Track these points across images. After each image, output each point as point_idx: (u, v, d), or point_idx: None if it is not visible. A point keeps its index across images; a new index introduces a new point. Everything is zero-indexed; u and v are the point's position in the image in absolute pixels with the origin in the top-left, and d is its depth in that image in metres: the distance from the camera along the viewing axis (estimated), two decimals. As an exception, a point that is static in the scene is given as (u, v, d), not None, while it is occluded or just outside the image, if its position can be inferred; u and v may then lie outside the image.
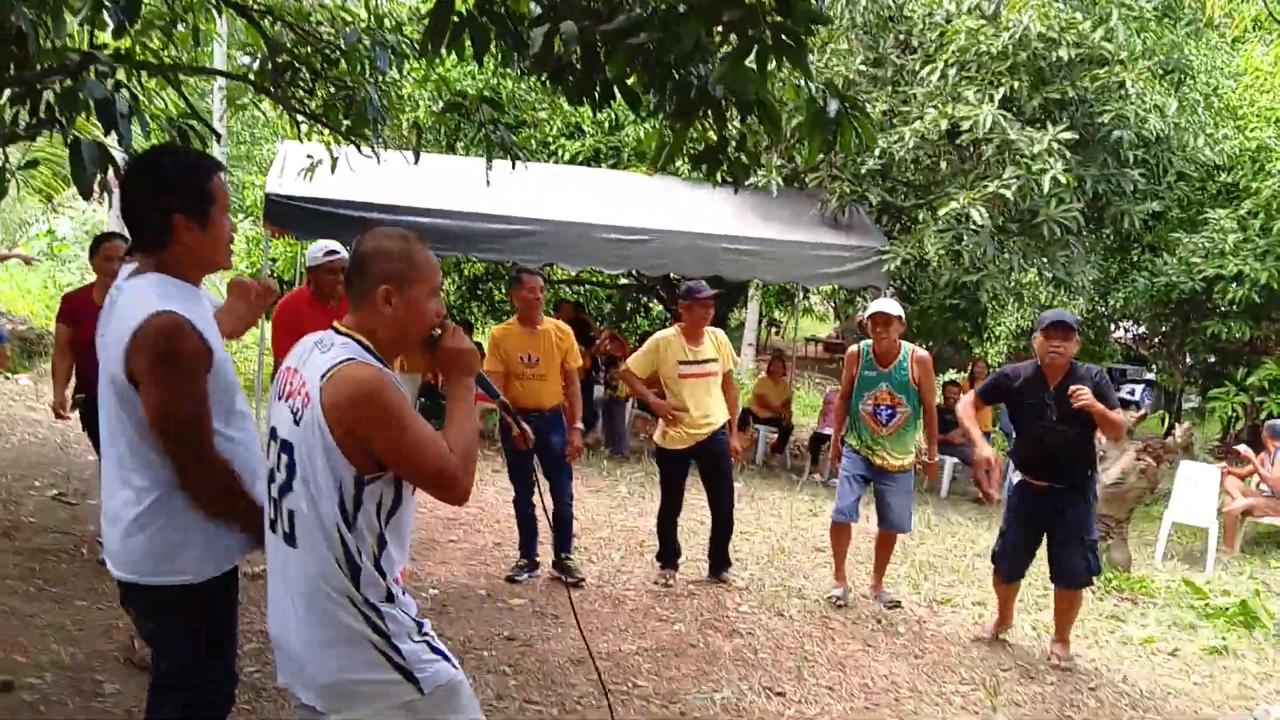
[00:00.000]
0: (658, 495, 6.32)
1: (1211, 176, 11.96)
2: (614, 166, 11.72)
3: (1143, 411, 13.13)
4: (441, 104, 7.93)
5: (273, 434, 2.24)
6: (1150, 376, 20.77)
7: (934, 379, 6.15)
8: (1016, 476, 5.45)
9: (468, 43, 4.49)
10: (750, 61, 3.67)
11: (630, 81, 4.39)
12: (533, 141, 11.71)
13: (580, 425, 6.04)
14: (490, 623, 5.12)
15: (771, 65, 3.62)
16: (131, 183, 2.42)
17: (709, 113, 4.36)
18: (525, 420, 5.75)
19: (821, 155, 10.19)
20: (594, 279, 15.35)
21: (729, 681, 4.58)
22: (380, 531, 2.17)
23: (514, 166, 5.88)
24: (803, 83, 4.11)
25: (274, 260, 16.38)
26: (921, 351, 6.11)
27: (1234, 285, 11.49)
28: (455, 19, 4.46)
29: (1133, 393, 20.50)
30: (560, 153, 11.70)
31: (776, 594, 6.13)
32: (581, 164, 11.65)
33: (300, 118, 6.78)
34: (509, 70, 10.52)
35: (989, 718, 4.50)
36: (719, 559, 6.27)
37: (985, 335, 17.03)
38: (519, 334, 5.90)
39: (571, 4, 4.22)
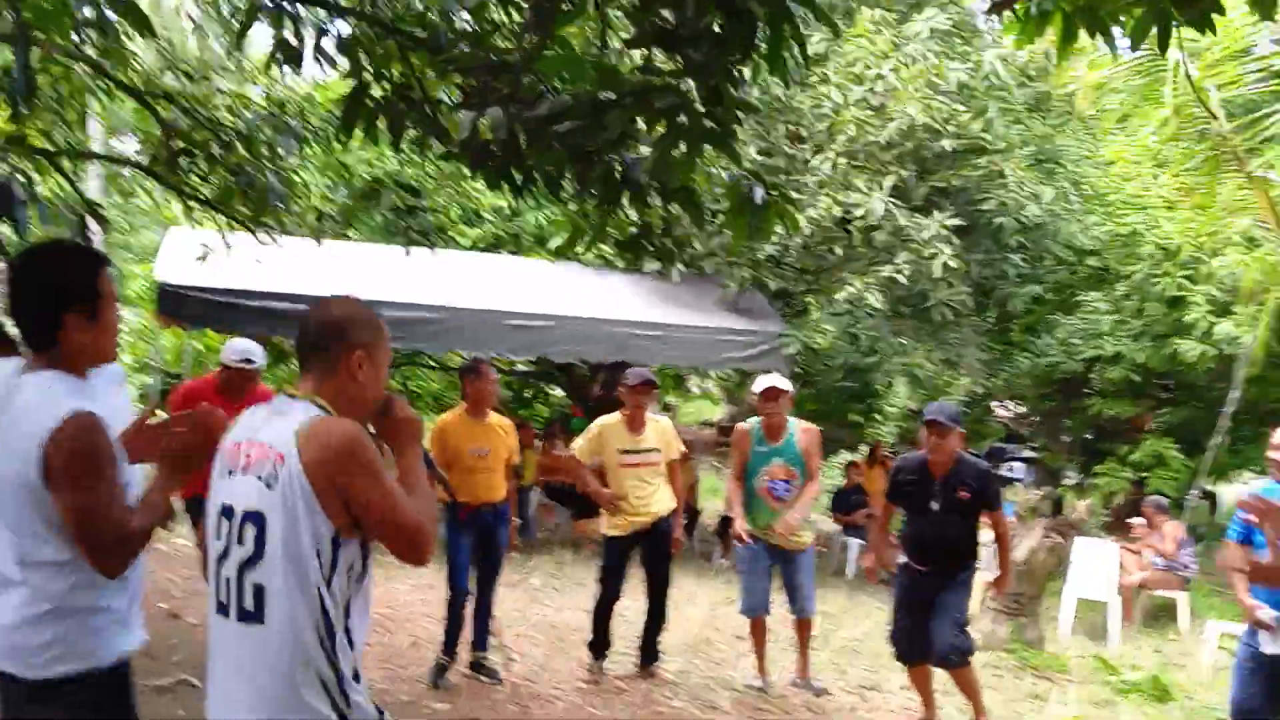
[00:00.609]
0: (572, 588, 6.18)
1: (1082, 261, 12.56)
2: (513, 253, 11.68)
3: (1042, 492, 13.47)
4: (344, 190, 7.82)
5: (226, 511, 2.15)
6: (1029, 454, 21.45)
7: (820, 451, 6.20)
8: (900, 559, 5.52)
9: (381, 127, 4.46)
10: (678, 149, 3.71)
11: (551, 168, 4.40)
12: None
13: (517, 520, 5.92)
14: (411, 730, 4.85)
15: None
16: (20, 280, 2.38)
17: (631, 199, 4.38)
18: (479, 513, 5.63)
19: (718, 241, 10.44)
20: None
21: (665, 782, 4.42)
22: (349, 599, 2.12)
23: (432, 251, 5.76)
24: (723, 170, 4.17)
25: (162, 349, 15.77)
26: (807, 424, 6.17)
27: (1112, 366, 12.02)
28: (370, 103, 4.41)
29: (1012, 469, 21.14)
30: (459, 239, 11.63)
31: (705, 685, 6.00)
32: (481, 251, 11.58)
33: (194, 204, 6.59)
34: (410, 156, 10.46)
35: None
36: (649, 651, 6.12)
37: (877, 416, 17.45)
38: (469, 425, 5.74)
39: (493, 89, 4.21)
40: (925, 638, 5.36)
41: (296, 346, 2.30)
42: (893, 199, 9.51)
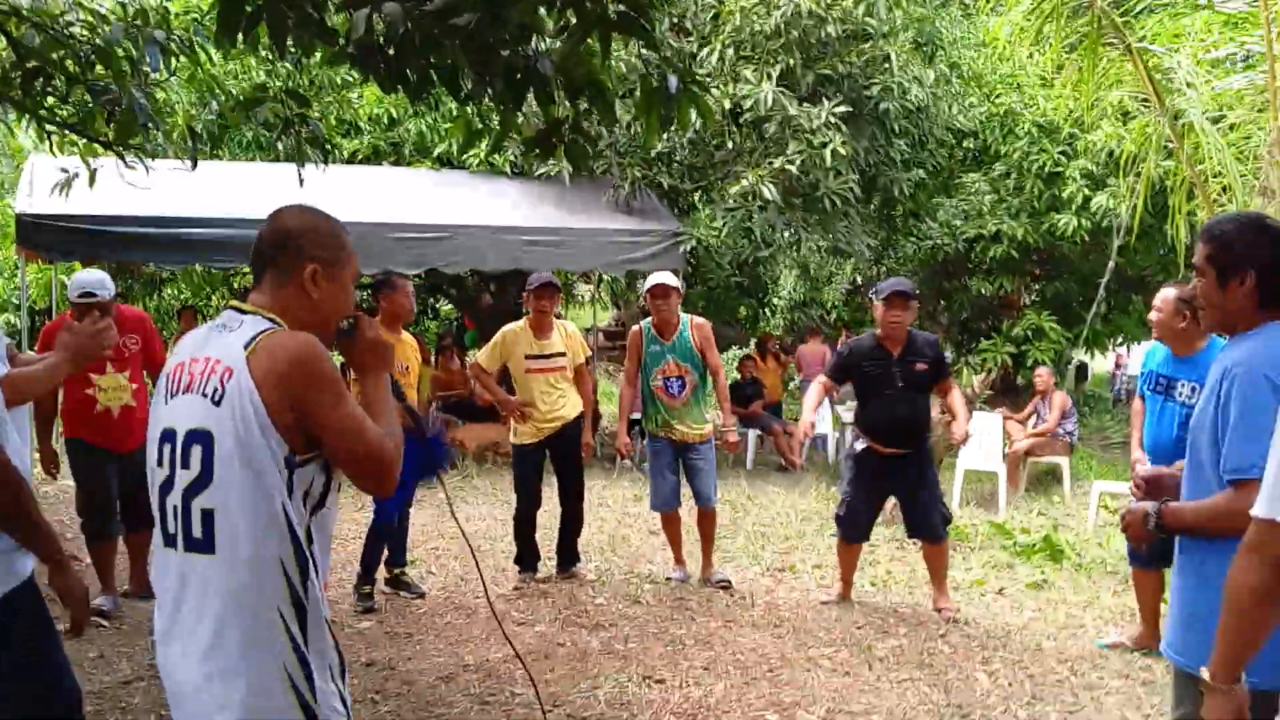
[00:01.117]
0: (482, 499, 6.15)
1: (961, 142, 12.79)
2: (395, 164, 11.31)
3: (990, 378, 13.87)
4: (214, 106, 7.36)
5: (167, 436, 2.00)
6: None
7: (714, 343, 6.20)
8: (860, 444, 5.61)
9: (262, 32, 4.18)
10: (589, 39, 3.58)
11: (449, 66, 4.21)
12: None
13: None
14: (343, 650, 4.78)
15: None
16: None
17: (537, 96, 4.23)
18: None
19: (607, 141, 10.28)
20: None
21: (606, 676, 4.48)
22: (308, 525, 1.98)
23: (325, 165, 5.50)
24: (625, 62, 4.06)
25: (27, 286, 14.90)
26: (699, 319, 6.22)
27: (993, 244, 12.35)
28: (249, 7, 4.12)
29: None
30: (337, 152, 11.17)
31: (628, 582, 6.08)
32: (360, 163, 11.17)
33: (52, 129, 6.14)
34: (281, 66, 9.94)
35: (858, 675, 4.60)
36: (568, 554, 6.16)
37: (766, 310, 17.68)
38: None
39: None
40: (873, 519, 5.62)
41: (250, 259, 2.13)
42: (781, 88, 9.46)
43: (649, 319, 6.12)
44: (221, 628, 1.91)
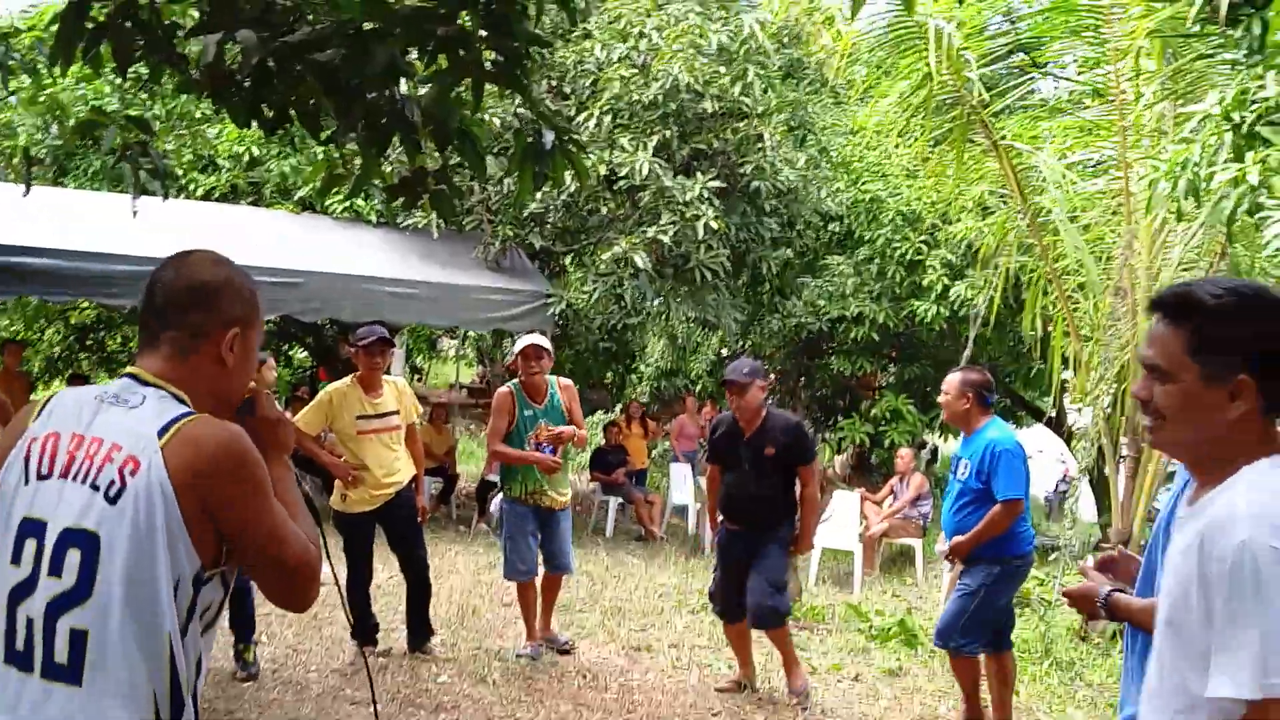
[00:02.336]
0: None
1: (827, 225, 13.07)
2: (254, 204, 10.83)
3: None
4: (56, 130, 6.85)
5: (30, 528, 1.61)
6: (769, 411, 22.41)
7: (579, 404, 6.12)
8: (720, 517, 5.54)
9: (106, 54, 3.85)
10: (459, 86, 3.39)
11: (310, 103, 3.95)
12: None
13: None
14: None
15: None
16: None
17: (403, 141, 4.01)
18: None
19: (479, 197, 10.07)
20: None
21: (443, 766, 4.16)
22: (199, 653, 1.65)
23: (164, 198, 5.12)
24: (498, 116, 3.89)
25: None
26: (565, 380, 6.15)
27: (855, 325, 12.59)
28: (90, 25, 3.79)
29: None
30: (192, 187, 10.64)
31: (474, 658, 5.74)
32: (218, 200, 10.66)
33: None
34: (134, 93, 9.42)
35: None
36: (421, 628, 5.76)
37: (633, 377, 17.64)
38: None
39: (236, 11, 3.71)
40: (742, 597, 5.36)
41: (141, 312, 1.76)
42: (657, 159, 9.45)
43: (516, 380, 5.95)
44: None
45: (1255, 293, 1.64)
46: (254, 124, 4.06)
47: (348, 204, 10.04)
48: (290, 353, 17.26)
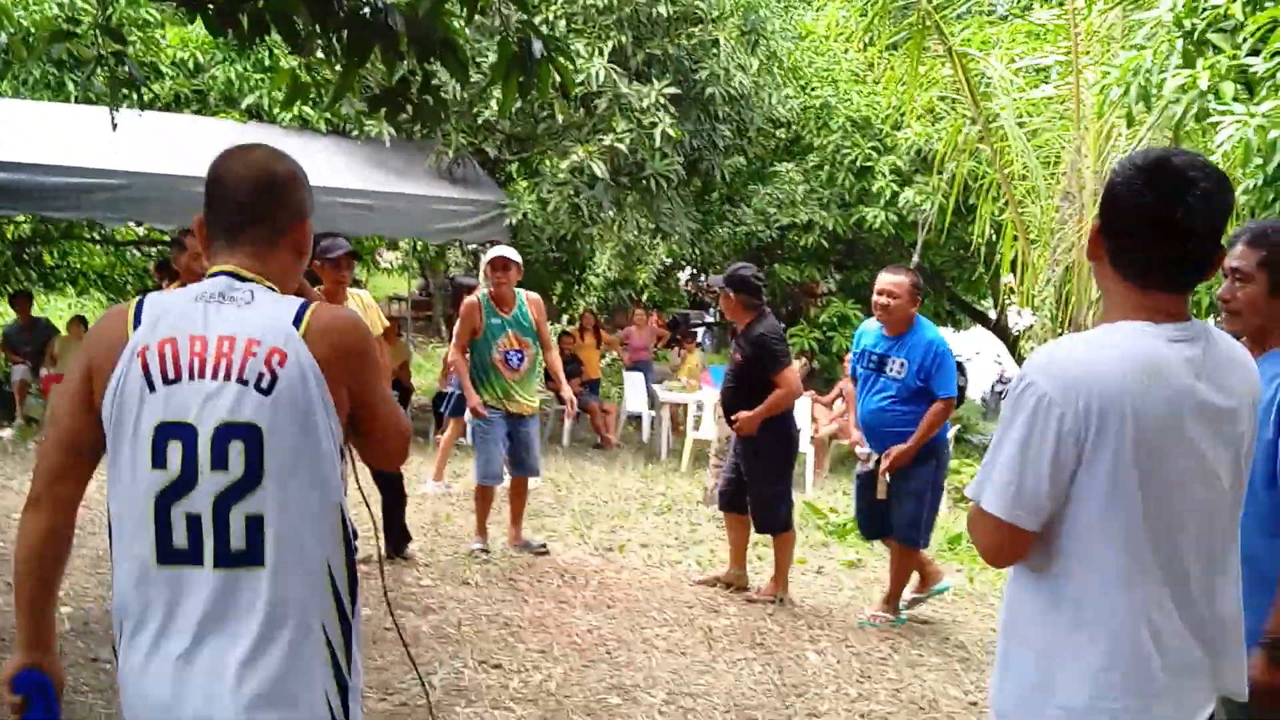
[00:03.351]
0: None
1: (775, 132, 13.09)
2: (198, 113, 10.55)
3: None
4: (17, 35, 6.60)
5: (170, 431, 1.64)
6: (709, 320, 22.68)
7: (545, 318, 6.28)
8: None
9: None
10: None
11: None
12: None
13: None
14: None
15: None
16: None
17: (383, 53, 3.99)
18: None
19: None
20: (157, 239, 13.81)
21: (441, 661, 4.32)
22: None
23: (142, 110, 5.03)
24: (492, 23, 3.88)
25: None
26: (534, 294, 6.28)
27: (805, 233, 12.72)
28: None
29: (693, 334, 22.45)
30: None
31: (454, 562, 5.90)
32: (161, 109, 10.36)
33: None
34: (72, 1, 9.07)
35: (695, 655, 4.62)
36: (400, 534, 5.88)
37: (582, 286, 17.66)
38: None
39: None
40: (741, 490, 5.58)
41: (217, 207, 1.78)
42: (612, 65, 9.39)
43: (483, 291, 5.99)
44: (262, 652, 1.64)
45: None
46: (228, 34, 4.02)
47: (296, 113, 9.84)
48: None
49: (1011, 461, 1.68)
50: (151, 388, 1.66)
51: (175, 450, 1.65)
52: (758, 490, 5.49)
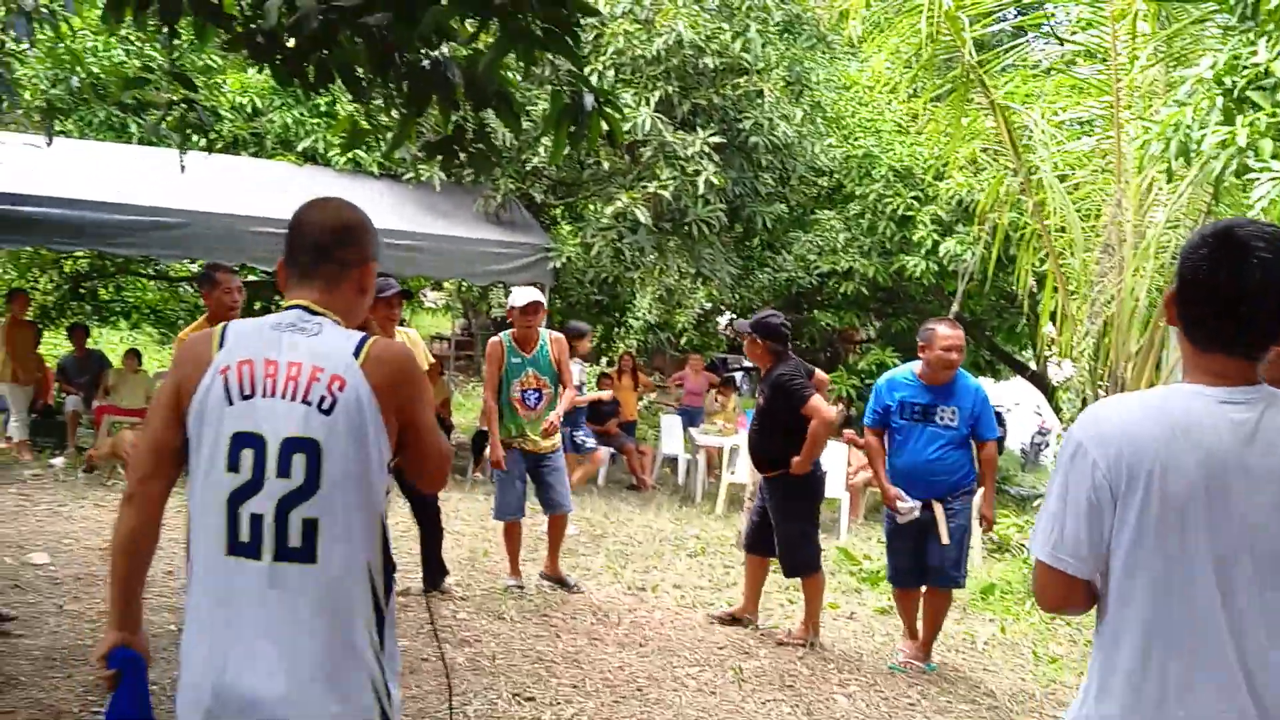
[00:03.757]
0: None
1: (818, 181, 13.24)
2: (255, 155, 10.90)
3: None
4: (75, 81, 6.93)
5: (245, 440, 1.90)
6: (748, 364, 22.74)
7: (568, 358, 6.39)
8: None
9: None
10: (513, 51, 3.55)
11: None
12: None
13: None
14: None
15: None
16: None
17: (440, 102, 4.17)
18: None
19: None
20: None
21: (475, 693, 4.42)
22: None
23: (209, 152, 5.26)
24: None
25: None
26: (556, 333, 6.42)
27: (845, 280, 12.81)
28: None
29: (731, 379, 22.53)
30: (195, 139, 10.68)
31: (489, 596, 6.01)
32: (219, 152, 10.71)
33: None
34: (150, 45, 9.44)
35: (724, 695, 4.68)
36: (438, 568, 6.00)
37: (622, 329, 17.81)
38: None
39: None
40: (766, 534, 5.67)
41: (295, 249, 2.05)
42: (658, 114, 9.60)
43: (507, 331, 6.21)
44: (316, 638, 1.88)
45: None
46: (295, 82, 4.22)
47: (350, 157, 10.14)
48: (283, 304, 17.37)
49: (1052, 509, 1.79)
50: (230, 401, 1.92)
51: (247, 457, 1.90)
52: (785, 533, 5.56)
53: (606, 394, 11.32)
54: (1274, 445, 1.70)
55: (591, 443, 9.66)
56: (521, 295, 6.18)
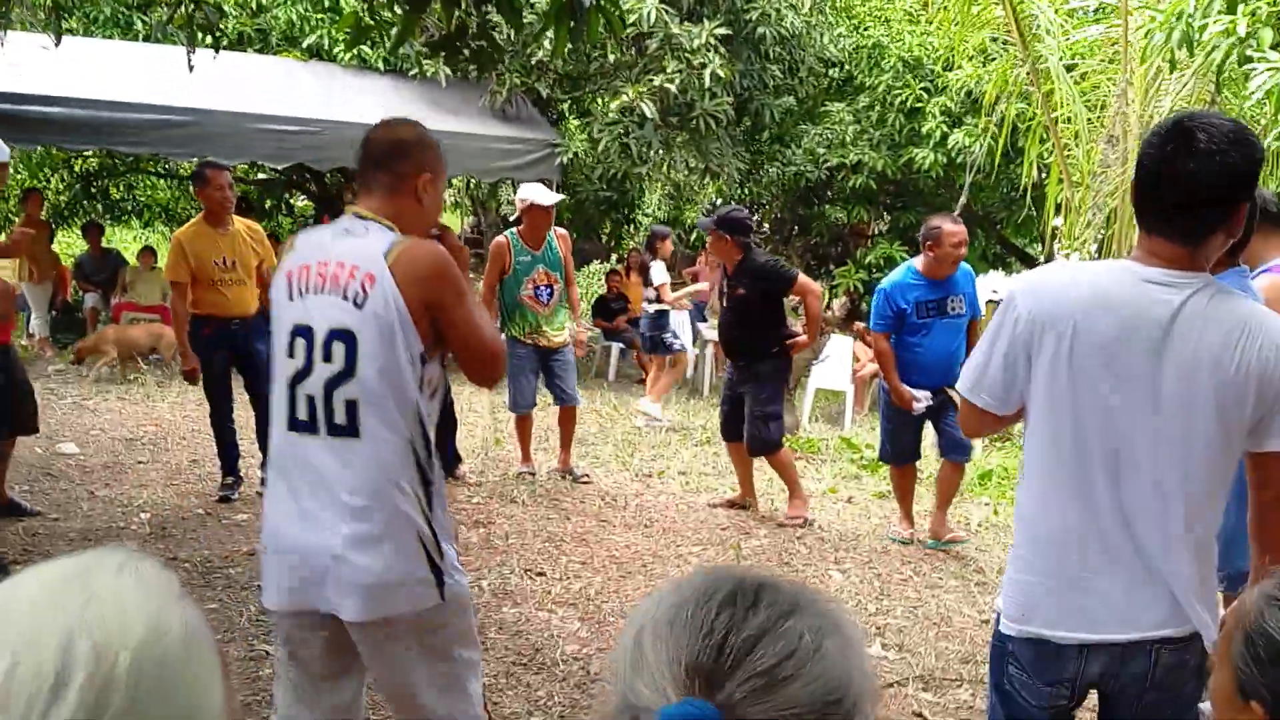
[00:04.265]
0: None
1: (826, 72, 13.09)
2: (260, 52, 10.85)
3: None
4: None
5: (299, 331, 2.17)
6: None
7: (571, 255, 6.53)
8: None
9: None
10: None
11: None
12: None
13: None
14: (223, 541, 4.84)
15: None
16: None
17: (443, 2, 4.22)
18: (228, 328, 5.47)
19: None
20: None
21: (489, 568, 4.68)
22: (429, 411, 2.19)
23: (218, 51, 5.33)
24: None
25: None
26: (560, 229, 6.51)
27: (854, 174, 12.79)
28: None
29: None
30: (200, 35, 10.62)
31: (503, 482, 6.27)
32: (224, 49, 10.66)
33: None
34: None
35: (725, 572, 4.93)
36: (451, 456, 6.25)
37: (631, 226, 17.86)
38: (210, 236, 5.50)
39: None
40: (739, 422, 5.86)
41: (360, 163, 2.26)
42: (663, 5, 9.50)
43: (513, 229, 6.29)
44: (366, 500, 2.10)
45: None
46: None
47: (355, 53, 10.10)
48: (293, 201, 17.42)
49: (982, 351, 2.02)
50: (290, 298, 2.22)
51: (301, 346, 2.17)
52: (752, 413, 5.77)
53: (705, 286, 11.18)
54: (1191, 328, 1.83)
55: (679, 343, 9.57)
56: (543, 193, 6.24)
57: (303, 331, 2.16)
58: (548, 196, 6.24)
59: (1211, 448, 1.86)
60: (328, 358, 2.13)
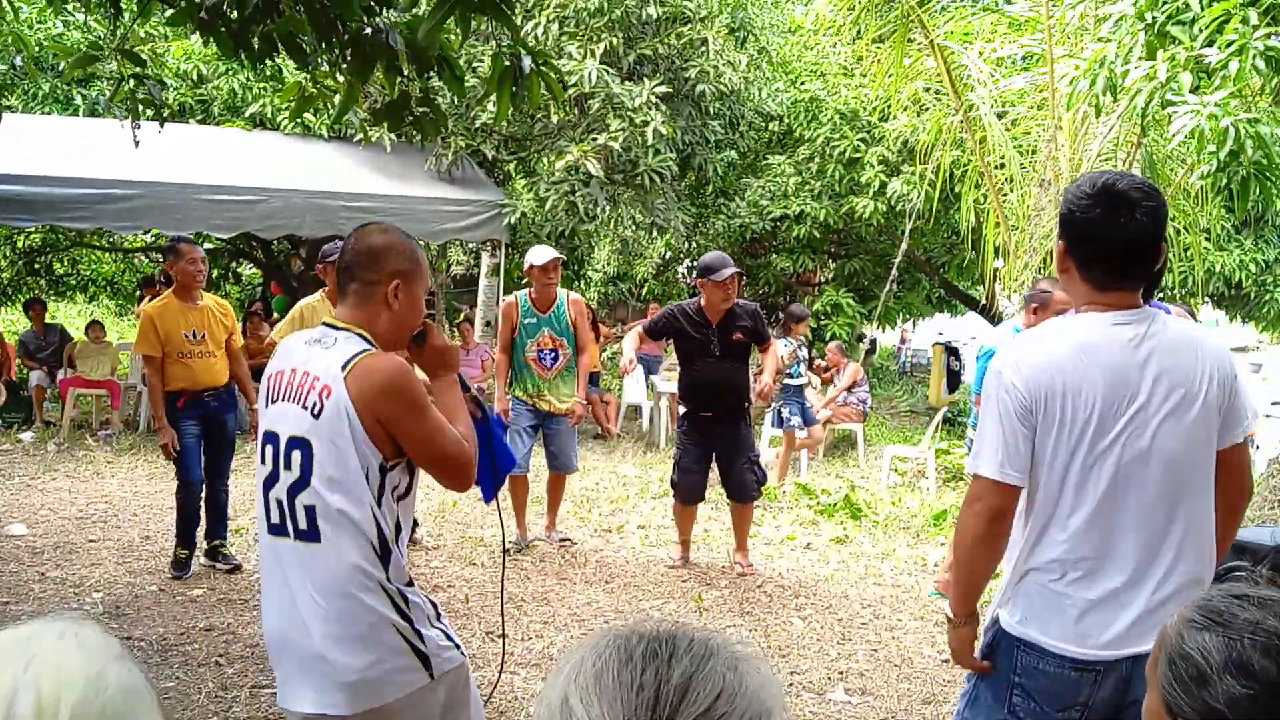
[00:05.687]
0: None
1: (766, 126, 13.37)
2: (203, 122, 10.87)
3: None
4: (18, 60, 6.91)
5: (269, 437, 2.25)
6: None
7: (587, 321, 6.39)
8: (683, 409, 5.94)
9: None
10: (451, 19, 3.68)
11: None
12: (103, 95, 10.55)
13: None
14: (178, 618, 4.76)
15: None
16: None
17: (386, 69, 4.28)
18: (201, 399, 5.44)
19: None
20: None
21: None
22: (398, 517, 2.20)
23: (162, 126, 5.35)
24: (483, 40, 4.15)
25: None
26: (575, 295, 6.39)
27: (797, 224, 13.02)
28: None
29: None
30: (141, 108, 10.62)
31: (460, 545, 6.23)
32: (167, 120, 10.67)
33: None
34: (93, 18, 9.35)
35: (687, 622, 4.93)
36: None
37: (582, 282, 17.95)
38: (179, 310, 5.51)
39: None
40: (705, 481, 5.87)
41: (336, 273, 2.35)
42: (604, 66, 9.68)
43: (523, 291, 6.21)
44: (334, 602, 2.14)
45: None
46: (241, 55, 4.32)
47: (298, 120, 10.15)
48: (239, 269, 17.34)
49: (992, 432, 2.12)
50: (265, 405, 2.31)
51: (269, 451, 2.25)
52: (745, 461, 5.77)
53: (847, 380, 11.21)
54: (1154, 352, 2.08)
55: (796, 421, 9.42)
56: (541, 253, 6.14)
57: (270, 438, 2.25)
58: (543, 255, 6.12)
59: (1203, 452, 2.12)
60: (288, 465, 2.19)
